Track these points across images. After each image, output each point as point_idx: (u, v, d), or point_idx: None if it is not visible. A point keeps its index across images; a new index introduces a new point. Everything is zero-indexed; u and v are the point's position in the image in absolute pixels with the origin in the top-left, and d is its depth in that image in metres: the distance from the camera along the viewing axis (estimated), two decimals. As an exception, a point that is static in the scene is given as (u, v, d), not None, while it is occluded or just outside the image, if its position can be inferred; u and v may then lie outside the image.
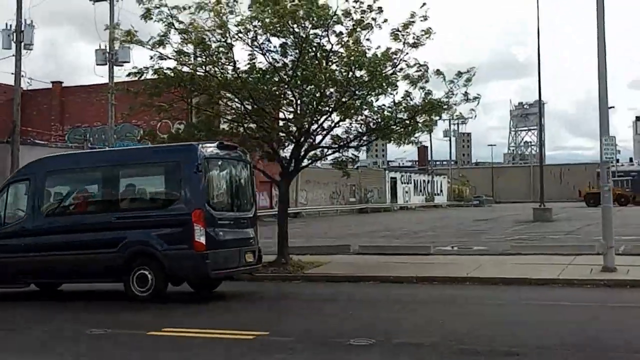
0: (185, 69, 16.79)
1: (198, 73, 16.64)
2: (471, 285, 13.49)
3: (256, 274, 15.67)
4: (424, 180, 73.81)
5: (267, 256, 17.94)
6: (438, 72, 15.70)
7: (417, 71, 15.26)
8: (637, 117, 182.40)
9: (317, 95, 16.09)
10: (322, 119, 16.40)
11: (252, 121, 16.88)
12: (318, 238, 27.06)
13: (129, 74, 16.38)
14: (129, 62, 35.65)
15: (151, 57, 16.62)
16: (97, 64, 35.54)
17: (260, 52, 16.00)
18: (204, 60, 15.94)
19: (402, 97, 15.46)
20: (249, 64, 16.33)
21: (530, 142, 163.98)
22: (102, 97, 41.48)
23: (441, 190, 78.77)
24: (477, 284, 13.59)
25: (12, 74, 30.20)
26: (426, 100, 15.30)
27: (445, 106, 15.38)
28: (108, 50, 35.09)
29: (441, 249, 19.06)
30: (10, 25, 30.13)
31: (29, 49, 30.44)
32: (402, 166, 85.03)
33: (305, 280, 15.06)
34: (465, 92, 15.45)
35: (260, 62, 16.42)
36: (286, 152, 17.33)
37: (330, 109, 16.16)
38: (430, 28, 15.49)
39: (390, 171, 67.75)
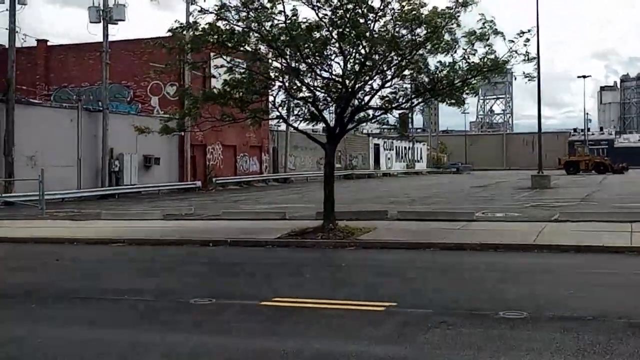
0: (220, 23, 15.79)
1: (237, 28, 15.71)
2: (542, 252, 12.99)
3: (304, 239, 15.12)
4: (405, 147, 73.58)
5: (307, 222, 17.33)
6: (496, 32, 15.05)
7: (481, 28, 14.58)
8: (601, 87, 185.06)
9: (366, 52, 15.35)
10: (372, 78, 15.67)
11: (295, 80, 16.06)
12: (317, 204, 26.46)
13: (169, 30, 15.26)
14: (124, 20, 34.50)
15: (190, 13, 15.66)
16: (91, 22, 34.09)
17: (310, 5, 15.09)
18: (248, 15, 14.99)
19: (461, 56, 14.82)
20: (290, 18, 15.45)
21: (504, 110, 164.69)
22: (90, 56, 40.00)
23: (421, 157, 78.75)
24: (547, 251, 13.10)
25: (6, 29, 28.68)
26: (485, 60, 14.67)
27: (508, 66, 14.80)
28: (102, 8, 33.62)
29: (481, 216, 18.58)
30: (4, -21, 28.52)
31: (23, 3, 28.95)
32: (377, 133, 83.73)
33: (360, 247, 14.43)
34: (526, 52, 14.88)
35: (304, 18, 15.56)
36: (330, 114, 16.64)
37: (381, 68, 15.45)
38: None
39: (373, 137, 67.19)
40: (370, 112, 16.35)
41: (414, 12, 14.19)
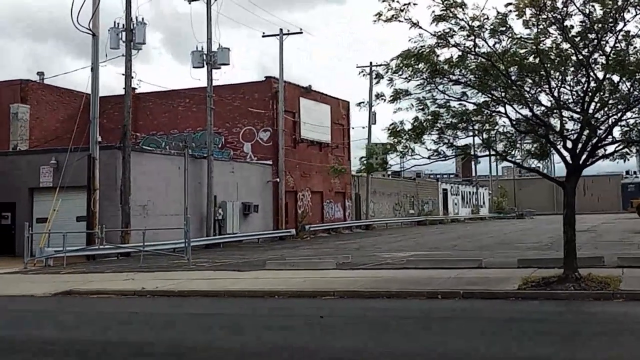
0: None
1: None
2: None
3: (554, 290, 13.28)
4: (469, 192, 71.70)
5: (510, 270, 15.56)
6: None
7: None
8: None
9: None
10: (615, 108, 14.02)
11: (524, 107, 14.40)
12: (449, 251, 24.88)
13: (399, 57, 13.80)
14: (228, 64, 33.36)
15: (410, 39, 14.18)
16: (194, 67, 33.00)
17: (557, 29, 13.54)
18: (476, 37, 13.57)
19: None
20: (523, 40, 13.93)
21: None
22: (180, 103, 39.03)
23: (484, 202, 76.76)
24: None
25: (123, 74, 27.55)
26: None
27: None
28: (206, 52, 32.60)
29: None
30: (119, 24, 27.51)
31: (138, 48, 27.91)
32: (444, 177, 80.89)
33: (628, 299, 12.64)
34: None
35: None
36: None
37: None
38: None
39: (442, 182, 65.45)
40: (610, 147, 14.61)
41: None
